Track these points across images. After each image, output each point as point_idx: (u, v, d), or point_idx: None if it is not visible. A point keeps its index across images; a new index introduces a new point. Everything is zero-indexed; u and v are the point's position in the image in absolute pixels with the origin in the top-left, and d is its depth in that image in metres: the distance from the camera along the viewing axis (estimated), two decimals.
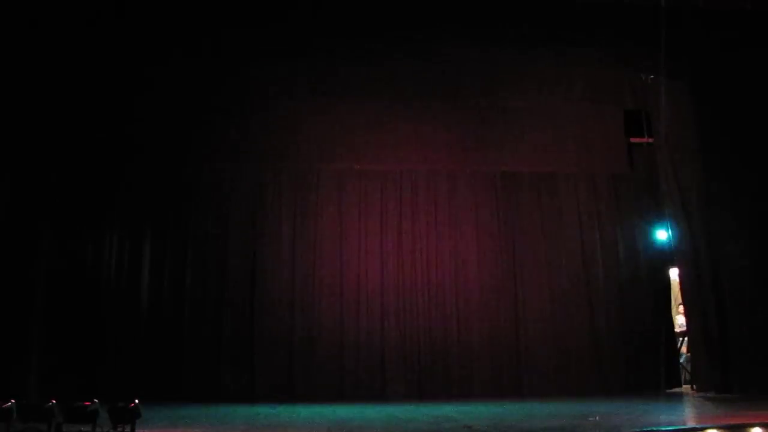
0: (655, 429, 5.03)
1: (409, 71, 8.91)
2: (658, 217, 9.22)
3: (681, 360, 9.33)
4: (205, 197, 9.00)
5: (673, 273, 9.28)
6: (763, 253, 7.99)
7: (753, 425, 4.94)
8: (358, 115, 9.28)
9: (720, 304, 7.95)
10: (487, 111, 9.41)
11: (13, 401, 5.14)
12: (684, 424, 5.45)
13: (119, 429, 4.84)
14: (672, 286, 9.43)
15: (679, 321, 9.33)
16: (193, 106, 9.02)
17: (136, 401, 4.88)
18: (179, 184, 9.00)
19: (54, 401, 5.05)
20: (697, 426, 5.26)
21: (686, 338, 9.03)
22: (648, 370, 8.83)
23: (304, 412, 6.95)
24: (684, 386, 9.08)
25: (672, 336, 9.20)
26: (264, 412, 7.02)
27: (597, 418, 5.79)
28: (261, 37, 8.14)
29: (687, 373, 9.22)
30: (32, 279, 7.32)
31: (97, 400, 4.98)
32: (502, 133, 9.40)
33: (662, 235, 9.20)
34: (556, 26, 8.09)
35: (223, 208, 8.96)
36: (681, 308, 9.22)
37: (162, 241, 8.82)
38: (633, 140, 9.61)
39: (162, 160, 8.98)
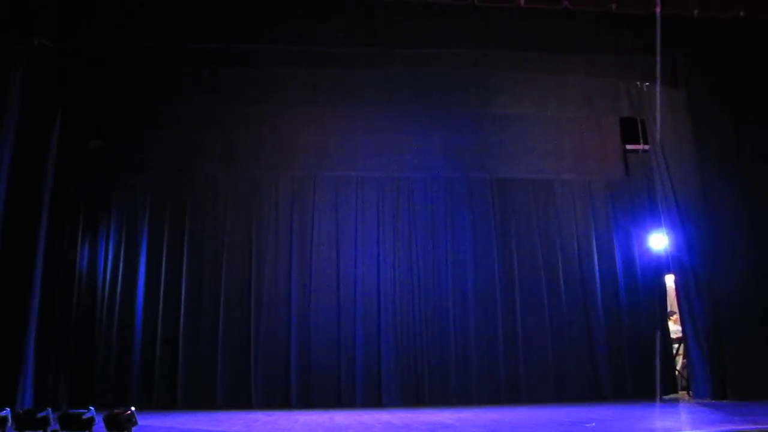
0: None
1: (406, 78, 8.97)
2: (654, 224, 9.24)
3: (677, 366, 9.35)
4: (202, 204, 9.01)
5: (669, 280, 9.31)
6: (759, 260, 8.02)
7: None
8: (354, 122, 9.32)
9: (716, 310, 7.96)
10: (484, 118, 9.44)
11: (8, 409, 5.13)
12: (680, 430, 5.45)
13: None
14: (668, 293, 9.46)
15: (671, 328, 9.35)
16: (190, 113, 9.06)
17: (132, 409, 4.87)
18: (175, 190, 9.01)
19: (49, 409, 5.04)
20: None
21: (682, 344, 9.05)
22: (644, 376, 8.82)
23: (302, 418, 6.93)
24: (680, 392, 9.10)
25: (668, 342, 9.22)
26: (261, 418, 7.00)
27: (594, 424, 5.78)
28: (258, 43, 8.16)
29: (683, 379, 9.24)
30: (27, 285, 7.28)
31: (92, 408, 4.96)
32: (499, 141, 9.42)
33: (658, 242, 9.22)
34: (552, 35, 8.14)
35: (219, 216, 8.97)
36: (674, 317, 9.24)
37: (158, 247, 8.80)
38: (629, 147, 9.68)
39: (158, 167, 8.99)
